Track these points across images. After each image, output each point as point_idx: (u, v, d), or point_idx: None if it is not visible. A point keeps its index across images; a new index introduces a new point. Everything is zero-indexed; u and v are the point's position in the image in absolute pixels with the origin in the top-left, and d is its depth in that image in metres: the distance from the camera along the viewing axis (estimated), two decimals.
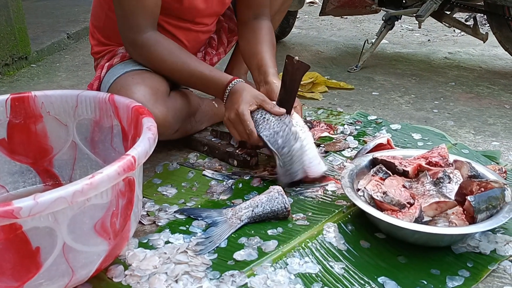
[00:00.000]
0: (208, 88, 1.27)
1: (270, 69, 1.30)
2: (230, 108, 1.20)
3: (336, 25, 3.35)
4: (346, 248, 0.99)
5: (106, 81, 1.30)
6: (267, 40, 1.38)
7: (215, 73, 1.25)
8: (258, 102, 1.19)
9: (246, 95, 1.18)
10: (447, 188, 1.02)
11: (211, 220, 1.07)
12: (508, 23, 2.05)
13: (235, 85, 1.21)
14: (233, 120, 1.19)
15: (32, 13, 3.48)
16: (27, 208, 0.67)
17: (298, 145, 1.16)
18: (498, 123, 1.64)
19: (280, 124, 1.17)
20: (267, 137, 1.16)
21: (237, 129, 1.20)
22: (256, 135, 1.17)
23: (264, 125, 1.18)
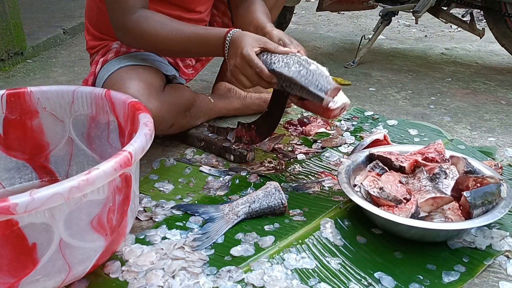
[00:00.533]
0: (208, 46, 1.20)
1: (267, 23, 1.26)
2: (234, 55, 1.15)
3: (333, 21, 3.35)
4: (342, 244, 0.99)
5: (101, 76, 1.30)
6: (261, 9, 1.34)
7: (211, 30, 1.20)
8: (261, 44, 1.14)
9: (247, 39, 1.14)
10: (443, 184, 1.02)
11: (208, 216, 1.07)
12: (505, 19, 2.05)
13: (234, 34, 1.16)
14: (239, 65, 1.13)
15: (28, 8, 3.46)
16: (23, 204, 0.66)
17: (314, 67, 1.11)
18: (494, 119, 1.64)
19: (288, 56, 1.12)
20: (279, 68, 1.10)
21: (245, 72, 1.14)
22: (267, 72, 1.11)
23: (272, 62, 1.12)
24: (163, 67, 1.35)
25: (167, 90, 1.32)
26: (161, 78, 1.31)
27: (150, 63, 1.33)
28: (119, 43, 1.38)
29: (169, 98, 1.29)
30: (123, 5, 1.18)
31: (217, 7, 1.57)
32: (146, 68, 1.29)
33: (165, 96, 1.28)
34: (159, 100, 1.24)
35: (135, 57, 1.33)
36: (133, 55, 1.34)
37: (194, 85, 1.95)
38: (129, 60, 1.30)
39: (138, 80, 1.22)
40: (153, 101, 1.22)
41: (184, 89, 1.39)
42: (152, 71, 1.29)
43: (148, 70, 1.29)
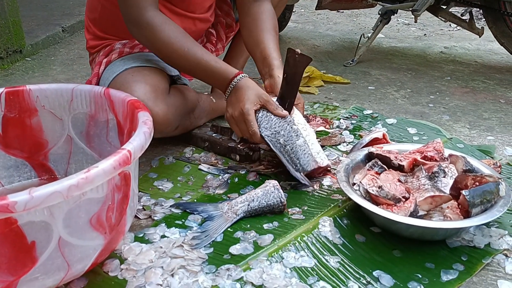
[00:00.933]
0: (212, 79, 1.24)
1: (275, 61, 1.28)
2: (234, 106, 1.19)
3: (332, 19, 3.35)
4: (341, 242, 0.99)
5: (105, 78, 1.29)
6: (269, 27, 1.35)
7: (221, 65, 1.22)
8: (262, 102, 1.19)
9: (251, 94, 1.17)
10: (442, 183, 1.03)
11: (207, 214, 1.07)
12: (504, 17, 2.05)
13: (240, 81, 1.19)
14: (236, 118, 1.19)
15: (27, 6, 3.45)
16: (22, 202, 0.66)
17: (301, 141, 1.17)
18: (493, 118, 1.65)
19: (282, 123, 1.19)
20: (269, 137, 1.18)
21: (240, 127, 1.20)
22: (259, 136, 1.18)
23: (266, 125, 1.19)
24: (167, 67, 1.35)
25: (173, 92, 1.32)
26: (166, 80, 1.31)
27: (154, 64, 1.32)
28: (122, 43, 1.38)
29: (175, 101, 1.29)
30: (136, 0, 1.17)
31: (221, 8, 1.56)
32: (151, 70, 1.28)
33: (171, 99, 1.28)
34: (165, 103, 1.24)
35: (139, 58, 1.32)
36: (138, 56, 1.33)
37: (193, 83, 1.95)
38: (134, 61, 1.30)
39: (144, 83, 1.22)
40: (160, 105, 1.22)
41: (188, 91, 1.39)
42: (157, 73, 1.29)
43: (153, 71, 1.28)
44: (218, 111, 1.55)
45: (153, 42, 1.21)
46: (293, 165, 1.17)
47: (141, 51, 1.36)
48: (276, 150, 1.18)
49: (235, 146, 1.33)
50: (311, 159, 1.17)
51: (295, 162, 1.17)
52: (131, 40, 1.38)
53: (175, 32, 1.20)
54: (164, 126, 1.24)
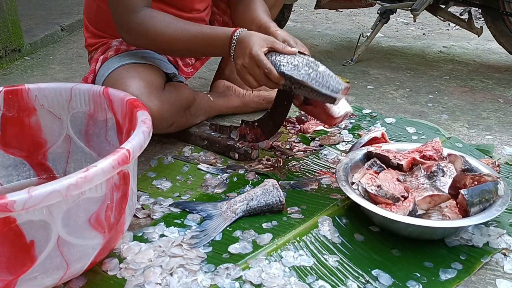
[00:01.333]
0: (213, 46, 1.20)
1: (270, 23, 1.26)
2: (241, 54, 1.14)
3: (331, 19, 3.35)
4: (340, 241, 0.99)
5: (101, 74, 1.30)
6: (261, 8, 1.34)
7: (217, 29, 1.20)
8: (269, 44, 1.14)
9: (255, 39, 1.14)
10: (441, 182, 1.03)
11: (206, 213, 1.07)
12: (503, 17, 2.06)
13: (241, 33, 1.16)
14: (248, 65, 1.13)
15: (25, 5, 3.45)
16: (21, 202, 0.66)
17: (323, 68, 1.11)
18: (492, 117, 1.65)
19: (297, 58, 1.13)
20: (289, 71, 1.10)
21: (253, 73, 1.14)
22: (276, 73, 1.11)
23: (280, 63, 1.12)
24: (163, 65, 1.35)
25: (168, 88, 1.32)
26: (161, 76, 1.31)
27: (150, 61, 1.32)
28: (119, 41, 1.38)
29: (170, 97, 1.29)
30: (126, 4, 1.17)
31: (217, 6, 1.56)
32: (146, 66, 1.29)
33: (166, 94, 1.28)
34: (160, 99, 1.24)
35: (135, 55, 1.32)
36: (133, 53, 1.33)
37: (192, 83, 1.95)
38: (130, 58, 1.30)
39: (139, 78, 1.22)
40: (154, 100, 1.21)
41: (184, 88, 1.39)
42: (152, 69, 1.29)
43: (149, 68, 1.29)
44: (216, 109, 1.55)
45: (147, 38, 1.20)
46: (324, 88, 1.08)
47: (138, 48, 1.36)
48: (301, 78, 1.09)
49: (234, 144, 1.33)
50: (340, 79, 1.11)
51: (325, 85, 1.09)
52: None
53: (165, 21, 1.19)
54: (158, 122, 1.23)
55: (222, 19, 1.58)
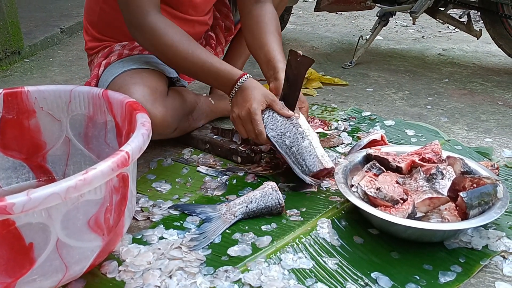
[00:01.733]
0: (216, 81, 1.23)
1: (279, 63, 1.28)
2: (240, 105, 1.18)
3: (330, 21, 3.35)
4: (339, 244, 0.99)
5: (104, 79, 1.29)
6: (272, 29, 1.35)
7: (225, 66, 1.22)
8: (268, 102, 1.18)
9: (257, 94, 1.17)
10: (440, 184, 1.03)
11: (205, 216, 1.07)
12: (502, 20, 2.06)
13: (246, 81, 1.19)
14: (243, 118, 1.18)
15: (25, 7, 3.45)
16: (20, 204, 0.66)
17: (307, 143, 1.17)
18: (491, 120, 1.65)
19: (288, 125, 1.18)
20: (275, 138, 1.17)
21: (246, 127, 1.19)
22: (265, 136, 1.17)
23: (271, 126, 1.18)
24: (166, 69, 1.35)
25: (171, 94, 1.31)
26: (164, 81, 1.31)
27: (153, 66, 1.32)
28: (121, 45, 1.38)
29: (173, 103, 1.29)
30: (136, 4, 1.17)
31: (220, 10, 1.56)
32: (150, 72, 1.28)
33: (170, 100, 1.28)
34: (164, 105, 1.24)
35: (138, 60, 1.32)
36: (137, 58, 1.33)
37: (191, 85, 1.95)
38: (133, 63, 1.29)
39: (143, 85, 1.22)
40: (158, 107, 1.22)
41: (187, 92, 1.39)
42: (155, 75, 1.29)
43: (152, 73, 1.28)
44: (217, 112, 1.55)
45: (156, 46, 1.21)
46: (299, 167, 1.17)
47: (140, 53, 1.36)
48: (282, 151, 1.17)
49: (237, 148, 1.32)
50: (317, 160, 1.16)
51: (301, 163, 1.16)
52: (130, 42, 1.38)
53: (179, 35, 1.19)
54: (162, 128, 1.24)
55: (224, 24, 1.58)
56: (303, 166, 1.16)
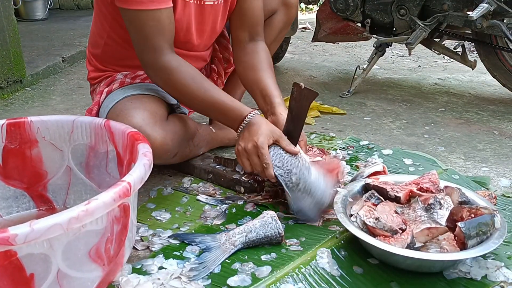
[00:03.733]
0: (226, 117, 1.26)
1: (276, 98, 1.31)
2: (247, 139, 1.20)
3: (328, 51, 3.41)
4: (339, 274, 0.99)
5: (105, 106, 1.31)
6: (266, 66, 1.39)
7: (236, 104, 1.25)
8: (275, 138, 1.20)
9: (265, 129, 1.19)
10: (438, 214, 1.04)
11: (204, 245, 1.07)
12: (496, 51, 2.10)
13: (253, 118, 1.21)
14: (249, 151, 1.19)
15: (27, 36, 3.51)
16: (22, 235, 0.67)
17: (314, 177, 1.17)
18: (488, 149, 1.67)
19: (293, 160, 1.19)
20: (282, 177, 1.17)
21: (252, 160, 1.20)
22: (272, 171, 1.18)
23: (277, 163, 1.18)
24: (166, 96, 1.37)
25: (171, 119, 1.34)
26: (165, 107, 1.33)
27: (154, 92, 1.34)
28: (123, 74, 1.40)
29: (173, 127, 1.31)
30: (154, 44, 1.20)
31: (219, 42, 1.59)
32: (150, 98, 1.31)
33: (169, 125, 1.30)
34: (164, 129, 1.25)
35: (139, 87, 1.34)
36: (138, 85, 1.36)
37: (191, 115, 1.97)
38: (134, 90, 1.32)
39: (143, 109, 1.24)
40: (158, 130, 1.23)
41: (187, 119, 1.41)
42: (156, 101, 1.31)
43: (152, 99, 1.31)
44: (218, 140, 1.56)
45: (170, 85, 1.24)
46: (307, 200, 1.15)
47: (142, 81, 1.39)
48: (287, 190, 1.17)
49: (240, 178, 1.33)
50: (326, 193, 1.16)
51: (308, 199, 1.15)
52: (132, 72, 1.41)
53: (192, 74, 1.23)
54: (162, 152, 1.25)
55: (222, 55, 1.61)
56: (314, 200, 1.15)
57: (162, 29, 1.20)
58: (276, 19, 1.60)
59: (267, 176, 1.19)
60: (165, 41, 1.21)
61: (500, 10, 1.92)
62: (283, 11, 1.60)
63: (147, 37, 1.20)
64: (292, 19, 1.65)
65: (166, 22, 1.20)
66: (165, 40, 1.21)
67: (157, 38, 1.20)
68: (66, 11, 5.34)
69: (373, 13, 2.23)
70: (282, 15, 1.60)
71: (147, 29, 1.19)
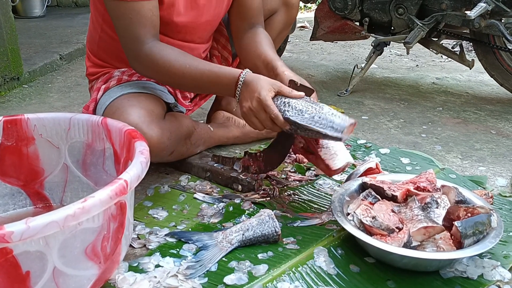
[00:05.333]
0: (219, 85, 1.22)
1: (278, 62, 1.29)
2: (249, 97, 1.16)
3: (326, 49, 3.41)
4: (336, 273, 0.99)
5: (102, 103, 1.31)
6: (267, 42, 1.37)
7: (225, 69, 1.22)
8: (276, 89, 1.15)
9: (263, 82, 1.15)
10: (435, 213, 1.04)
11: (201, 243, 1.07)
12: (493, 50, 2.11)
13: (247, 75, 1.18)
14: (255, 108, 1.15)
15: (25, 33, 3.50)
16: (18, 233, 0.67)
17: (326, 109, 1.13)
18: (485, 148, 1.67)
19: (301, 102, 1.14)
20: (293, 117, 1.12)
21: (259, 117, 1.15)
22: (282, 119, 1.12)
23: (287, 108, 1.14)
24: (163, 95, 1.37)
25: (168, 117, 1.33)
26: (162, 106, 1.33)
27: (151, 91, 1.34)
28: (121, 71, 1.40)
29: (170, 126, 1.30)
30: (135, 35, 1.20)
31: (217, 40, 1.59)
32: (147, 96, 1.31)
33: (166, 123, 1.30)
34: (160, 127, 1.25)
35: (136, 85, 1.34)
36: (135, 83, 1.35)
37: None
38: (131, 88, 1.32)
39: (139, 107, 1.24)
40: (154, 128, 1.23)
41: (184, 117, 1.41)
42: (153, 99, 1.31)
43: (149, 97, 1.31)
44: (216, 139, 1.56)
45: (155, 71, 1.23)
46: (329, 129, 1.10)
47: (139, 79, 1.39)
48: (305, 123, 1.10)
49: (237, 176, 1.33)
50: (343, 117, 1.11)
51: (330, 125, 1.10)
52: (129, 69, 1.41)
53: (173, 54, 1.21)
54: (158, 150, 1.25)
55: (221, 54, 1.61)
56: (333, 126, 1.10)
57: (143, 21, 1.19)
58: (276, 19, 1.58)
59: (279, 125, 1.13)
60: (146, 31, 1.20)
61: (498, 10, 1.93)
62: (283, 11, 1.58)
63: (127, 28, 1.19)
64: (292, 20, 1.62)
65: (148, 15, 1.19)
66: (146, 31, 1.20)
67: (138, 29, 1.19)
68: (64, 8, 5.33)
69: (371, 12, 2.23)
70: (282, 16, 1.58)
71: (127, 20, 1.18)
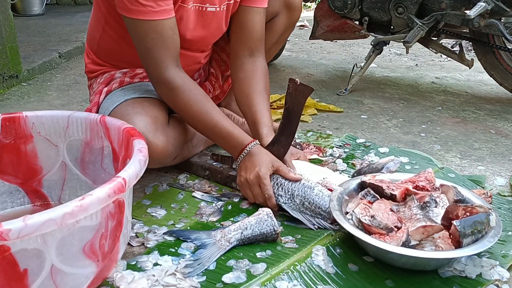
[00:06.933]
0: (226, 143, 1.26)
1: (264, 128, 1.31)
2: (248, 170, 1.21)
3: (326, 48, 3.41)
4: (334, 271, 0.99)
5: (105, 107, 1.30)
6: (261, 88, 1.37)
7: (237, 131, 1.25)
8: (275, 167, 1.21)
9: (265, 159, 1.20)
10: (434, 212, 1.04)
11: (200, 242, 1.07)
12: (493, 50, 2.10)
13: (254, 147, 1.22)
14: (251, 181, 1.20)
15: (24, 31, 3.50)
16: (16, 230, 0.67)
17: (317, 190, 1.17)
18: (484, 148, 1.67)
19: (295, 184, 1.19)
20: (286, 204, 1.18)
21: (253, 190, 1.21)
22: (274, 201, 1.18)
23: (280, 191, 1.19)
24: None
25: (172, 123, 1.33)
26: (165, 110, 1.32)
27: (154, 94, 1.33)
28: (122, 72, 1.39)
29: (174, 132, 1.30)
30: (157, 58, 1.19)
31: (217, 43, 1.57)
32: (151, 101, 1.30)
33: (171, 130, 1.29)
34: (165, 134, 1.25)
35: (139, 89, 1.33)
36: (138, 86, 1.35)
37: None
38: (134, 92, 1.31)
39: (144, 115, 1.23)
40: (160, 136, 1.23)
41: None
42: (157, 104, 1.30)
43: (153, 102, 1.30)
44: None
45: (172, 101, 1.25)
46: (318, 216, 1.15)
47: (141, 80, 1.38)
48: (295, 214, 1.16)
49: (236, 175, 1.33)
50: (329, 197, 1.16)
51: (318, 212, 1.15)
52: (131, 70, 1.40)
53: (195, 94, 1.23)
54: (163, 158, 1.25)
55: (220, 57, 1.59)
56: (322, 213, 1.15)
57: (165, 42, 1.18)
58: (278, 22, 1.54)
59: (270, 206, 1.18)
60: (168, 55, 1.19)
61: (498, 9, 1.92)
62: (285, 14, 1.54)
63: (149, 49, 1.19)
64: (295, 23, 1.59)
65: (169, 34, 1.18)
66: (169, 54, 1.20)
67: (160, 52, 1.18)
68: (63, 6, 5.32)
69: (371, 11, 2.23)
70: (284, 18, 1.54)
71: (149, 41, 1.17)
